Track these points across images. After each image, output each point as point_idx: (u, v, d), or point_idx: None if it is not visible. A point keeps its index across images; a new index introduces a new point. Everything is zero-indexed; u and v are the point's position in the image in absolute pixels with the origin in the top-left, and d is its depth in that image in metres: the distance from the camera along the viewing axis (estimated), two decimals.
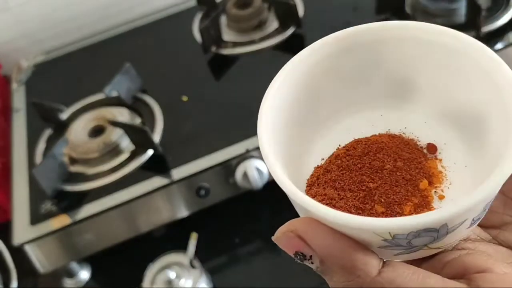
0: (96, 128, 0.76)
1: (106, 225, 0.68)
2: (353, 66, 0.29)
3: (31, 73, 0.94)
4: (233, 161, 0.68)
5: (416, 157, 0.27)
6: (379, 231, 0.21)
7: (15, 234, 0.66)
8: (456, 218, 0.21)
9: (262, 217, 0.79)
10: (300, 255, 0.23)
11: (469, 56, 0.26)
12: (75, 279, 0.76)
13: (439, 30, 0.27)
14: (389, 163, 0.26)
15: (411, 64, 0.28)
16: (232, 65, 0.83)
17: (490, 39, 0.74)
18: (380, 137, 0.28)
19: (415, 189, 0.25)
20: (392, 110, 0.30)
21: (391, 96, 0.29)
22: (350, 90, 0.29)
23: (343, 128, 0.29)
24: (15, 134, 0.81)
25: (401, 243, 0.22)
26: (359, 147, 0.27)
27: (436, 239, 0.22)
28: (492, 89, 0.25)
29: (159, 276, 0.69)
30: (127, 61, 0.82)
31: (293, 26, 0.85)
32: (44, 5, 0.96)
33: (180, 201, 0.70)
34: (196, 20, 0.93)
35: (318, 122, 0.29)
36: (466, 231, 0.23)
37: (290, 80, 0.28)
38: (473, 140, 0.27)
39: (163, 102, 0.79)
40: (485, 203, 0.22)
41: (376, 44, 0.28)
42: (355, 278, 0.22)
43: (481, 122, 0.26)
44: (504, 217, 0.26)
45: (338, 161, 0.27)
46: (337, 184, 0.26)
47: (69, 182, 0.71)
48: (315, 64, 0.28)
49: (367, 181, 0.25)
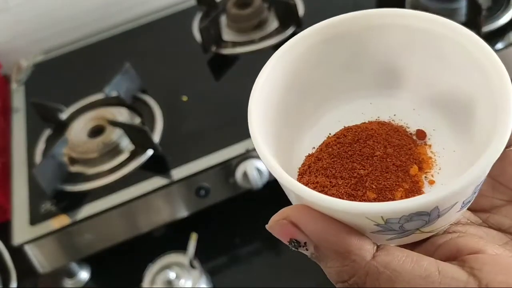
0: (95, 128, 0.75)
1: (106, 225, 0.68)
2: (340, 54, 0.29)
3: (31, 73, 0.93)
4: (233, 161, 0.68)
5: (406, 144, 0.27)
6: (372, 216, 0.21)
7: (14, 234, 0.66)
8: (446, 201, 0.21)
9: (262, 217, 0.79)
10: (294, 242, 0.23)
11: (454, 41, 0.26)
12: (74, 279, 0.76)
13: (422, 16, 0.27)
14: (379, 150, 0.26)
15: (397, 52, 0.28)
16: (232, 65, 0.83)
17: (491, 39, 0.74)
18: (370, 124, 0.28)
19: (406, 174, 0.25)
20: (381, 98, 0.30)
21: (380, 84, 0.30)
22: (339, 79, 0.30)
23: (333, 116, 0.30)
24: (15, 134, 0.81)
25: (393, 228, 0.22)
26: (349, 135, 0.27)
27: (428, 223, 0.22)
28: (478, 74, 0.25)
29: (159, 276, 0.69)
30: (127, 61, 0.82)
31: (293, 26, 0.85)
32: (44, 5, 0.96)
33: (180, 201, 0.70)
34: (196, 20, 0.93)
35: (308, 111, 0.29)
36: (456, 214, 0.24)
37: (278, 69, 0.28)
38: (461, 125, 0.27)
39: (163, 102, 0.79)
40: (474, 186, 0.23)
41: (362, 32, 0.28)
42: (350, 262, 0.22)
43: (468, 107, 0.26)
44: (493, 200, 0.26)
45: (329, 149, 0.27)
46: (328, 171, 0.26)
47: (69, 182, 0.70)
48: (303, 53, 0.28)
49: (358, 168, 0.25)
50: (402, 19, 0.27)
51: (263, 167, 0.68)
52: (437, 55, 0.27)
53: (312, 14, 0.87)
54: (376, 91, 0.30)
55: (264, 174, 0.69)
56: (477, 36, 0.25)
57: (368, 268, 0.21)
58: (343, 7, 0.87)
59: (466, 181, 0.21)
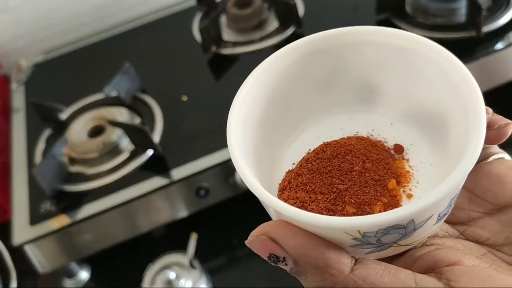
0: (95, 128, 0.75)
1: (105, 225, 0.68)
2: (319, 71, 0.29)
3: (31, 73, 0.93)
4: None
5: (384, 158, 0.27)
6: (349, 230, 0.22)
7: (14, 234, 0.66)
8: (421, 214, 0.22)
9: (262, 218, 0.79)
10: (273, 257, 0.23)
11: (426, 57, 0.27)
12: (74, 279, 0.76)
13: (396, 33, 0.27)
14: (358, 165, 0.26)
15: (373, 68, 0.29)
16: (232, 65, 0.83)
17: (491, 39, 0.74)
18: (349, 139, 0.29)
19: (384, 189, 0.26)
20: (360, 113, 0.30)
21: (358, 100, 0.30)
22: (318, 94, 0.30)
23: (313, 132, 0.30)
24: (15, 134, 0.81)
25: (371, 241, 0.22)
26: (328, 150, 0.27)
27: (404, 236, 0.23)
28: (451, 89, 0.26)
29: (159, 276, 0.69)
30: (127, 61, 0.82)
31: (293, 26, 0.85)
32: (44, 5, 0.96)
33: (180, 201, 0.70)
34: (196, 20, 0.93)
35: (287, 127, 0.30)
36: (433, 227, 0.24)
37: (258, 85, 0.28)
38: (437, 140, 0.28)
39: (162, 102, 0.79)
40: (449, 199, 0.23)
41: (339, 49, 0.29)
42: (328, 277, 0.22)
43: (443, 121, 0.27)
44: (470, 213, 0.27)
45: (309, 164, 0.27)
46: (308, 187, 0.26)
47: (69, 182, 0.70)
48: (283, 69, 0.29)
49: (337, 183, 0.26)
50: (376, 36, 0.28)
51: None
52: (412, 71, 0.28)
53: (312, 14, 0.87)
54: (354, 106, 0.30)
55: None
56: (450, 53, 0.26)
57: (347, 282, 0.22)
58: (343, 7, 0.87)
59: (439, 195, 0.21)
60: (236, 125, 0.26)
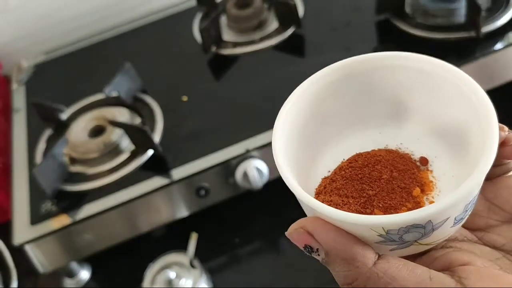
0: (96, 128, 0.76)
1: (106, 225, 0.68)
2: (354, 91, 0.33)
3: (32, 73, 0.94)
4: (233, 161, 0.68)
5: (410, 169, 0.31)
6: (374, 227, 0.25)
7: (15, 234, 0.67)
8: (438, 215, 0.25)
9: (262, 217, 0.79)
10: (308, 248, 0.26)
11: (449, 80, 0.30)
12: (75, 279, 0.76)
13: (423, 59, 0.31)
14: (386, 174, 0.30)
15: (402, 89, 0.33)
16: (232, 65, 0.84)
17: (490, 39, 0.74)
18: (379, 151, 0.32)
19: (409, 196, 0.29)
20: (390, 128, 0.34)
21: (388, 116, 0.34)
22: (353, 111, 0.34)
23: (347, 144, 0.34)
24: (15, 134, 0.81)
25: (394, 238, 0.25)
26: (360, 160, 0.31)
27: (424, 235, 0.26)
28: (469, 108, 0.29)
29: (159, 276, 0.69)
30: (127, 61, 0.82)
31: (293, 26, 0.85)
32: (44, 6, 0.97)
33: (180, 201, 0.70)
34: (196, 20, 0.93)
35: (325, 139, 0.34)
36: (451, 229, 0.27)
37: (301, 101, 0.32)
38: (458, 153, 0.31)
39: (163, 102, 0.79)
40: (464, 204, 0.26)
41: (371, 72, 0.32)
42: (354, 268, 0.25)
43: (463, 137, 0.30)
44: (488, 220, 0.30)
45: (342, 172, 0.31)
46: (341, 192, 0.30)
47: (69, 182, 0.71)
48: (322, 89, 0.32)
49: (367, 189, 0.29)
50: (403, 61, 0.32)
51: (263, 167, 0.68)
52: (434, 91, 0.31)
53: (312, 15, 0.88)
54: (385, 122, 0.34)
55: (264, 174, 0.69)
56: (466, 75, 0.29)
57: (370, 274, 0.25)
58: (343, 7, 0.87)
59: (454, 198, 0.24)
60: (281, 138, 0.30)
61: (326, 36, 0.83)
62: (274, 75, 0.78)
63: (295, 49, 0.83)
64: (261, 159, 0.68)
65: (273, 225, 0.77)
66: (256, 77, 0.80)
